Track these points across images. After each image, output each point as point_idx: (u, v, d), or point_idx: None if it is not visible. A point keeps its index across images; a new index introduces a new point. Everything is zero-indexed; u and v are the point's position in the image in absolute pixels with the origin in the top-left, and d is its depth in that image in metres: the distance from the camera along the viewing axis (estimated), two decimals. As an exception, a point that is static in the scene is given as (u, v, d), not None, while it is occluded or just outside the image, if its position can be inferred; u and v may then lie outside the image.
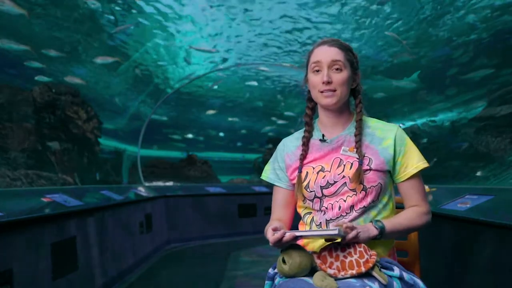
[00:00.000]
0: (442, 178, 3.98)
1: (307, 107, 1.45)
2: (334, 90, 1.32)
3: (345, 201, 1.31)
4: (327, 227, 1.33)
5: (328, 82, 1.31)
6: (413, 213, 1.34)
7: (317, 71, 1.34)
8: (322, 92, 1.33)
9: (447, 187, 3.43)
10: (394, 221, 1.30)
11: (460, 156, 3.97)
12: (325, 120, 1.42)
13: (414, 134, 4.67)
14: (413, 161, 1.35)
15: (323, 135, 1.41)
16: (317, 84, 1.34)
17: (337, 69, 1.32)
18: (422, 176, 1.39)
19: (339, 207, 1.32)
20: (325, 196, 1.33)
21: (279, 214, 1.47)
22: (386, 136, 1.36)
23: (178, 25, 4.95)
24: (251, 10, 4.78)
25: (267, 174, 1.50)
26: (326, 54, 1.33)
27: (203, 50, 5.65)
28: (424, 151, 1.40)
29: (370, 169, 1.32)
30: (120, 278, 3.91)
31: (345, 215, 1.32)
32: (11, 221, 2.19)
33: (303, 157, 1.41)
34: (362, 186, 1.31)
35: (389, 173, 1.37)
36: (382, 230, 1.25)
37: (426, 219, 1.36)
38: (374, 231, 1.23)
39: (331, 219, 1.33)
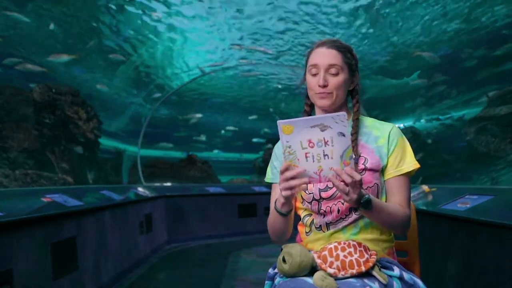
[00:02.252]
0: (442, 178, 3.98)
1: (305, 104, 1.46)
2: (330, 93, 1.33)
3: (343, 203, 1.31)
4: (327, 229, 1.34)
5: (324, 86, 1.32)
6: (399, 208, 1.30)
7: (314, 74, 1.34)
8: (318, 93, 1.34)
9: (447, 187, 3.43)
10: (382, 205, 1.25)
11: (460, 156, 3.97)
12: None
13: (414, 134, 4.67)
14: (397, 163, 1.33)
15: (321, 135, 1.41)
16: (314, 87, 1.34)
17: (333, 73, 1.32)
18: (423, 176, 1.38)
19: (338, 210, 1.31)
20: (323, 198, 1.33)
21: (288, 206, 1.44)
22: (381, 135, 1.36)
23: (179, 24, 4.94)
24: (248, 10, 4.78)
25: (269, 175, 1.51)
26: (323, 57, 1.33)
27: (258, 51, 5.64)
28: (424, 151, 1.40)
29: (366, 169, 1.31)
30: (120, 278, 3.92)
31: (345, 217, 1.31)
32: (11, 221, 2.19)
33: None
34: None
35: None
36: (365, 205, 1.17)
37: (405, 220, 1.30)
38: (356, 204, 1.16)
39: (331, 222, 1.33)
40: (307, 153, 1.10)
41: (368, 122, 1.41)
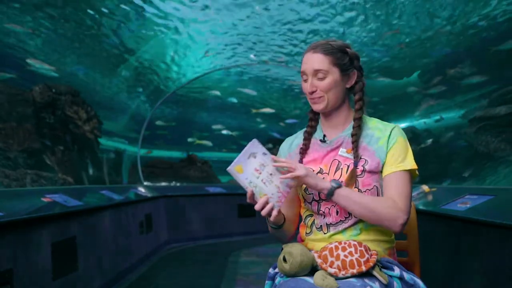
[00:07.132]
0: (442, 178, 3.98)
1: (309, 111, 1.46)
2: (321, 96, 1.34)
3: None
4: (328, 231, 1.33)
5: (313, 92, 1.34)
6: (385, 200, 1.26)
7: (305, 80, 1.36)
8: (310, 99, 1.37)
9: (447, 187, 3.44)
10: (356, 193, 1.27)
11: (460, 156, 3.97)
12: (324, 122, 1.42)
13: (413, 134, 4.67)
14: (394, 159, 1.31)
15: (324, 136, 1.41)
16: (306, 92, 1.37)
17: (320, 77, 1.33)
18: (423, 176, 1.37)
19: (337, 212, 1.32)
20: (322, 200, 1.33)
21: (284, 212, 1.42)
22: (382, 136, 1.34)
23: (180, 24, 4.94)
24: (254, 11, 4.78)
25: None
26: (309, 63, 1.34)
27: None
28: (424, 151, 1.39)
29: (364, 170, 1.30)
30: (120, 278, 3.91)
31: (345, 220, 1.31)
32: (11, 221, 2.19)
33: (303, 151, 1.41)
34: (357, 190, 1.29)
35: None
36: (334, 189, 1.24)
37: (395, 215, 1.23)
38: (326, 185, 1.24)
39: (331, 223, 1.33)
40: (262, 180, 1.24)
41: (372, 123, 1.40)
